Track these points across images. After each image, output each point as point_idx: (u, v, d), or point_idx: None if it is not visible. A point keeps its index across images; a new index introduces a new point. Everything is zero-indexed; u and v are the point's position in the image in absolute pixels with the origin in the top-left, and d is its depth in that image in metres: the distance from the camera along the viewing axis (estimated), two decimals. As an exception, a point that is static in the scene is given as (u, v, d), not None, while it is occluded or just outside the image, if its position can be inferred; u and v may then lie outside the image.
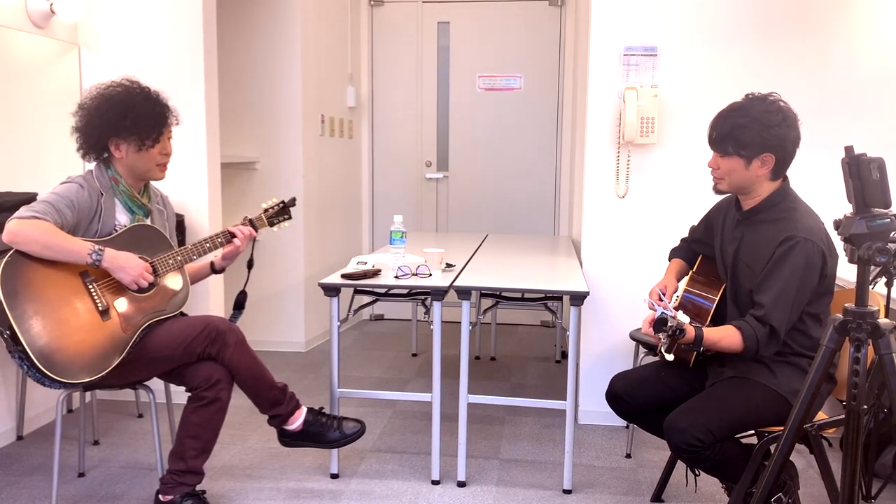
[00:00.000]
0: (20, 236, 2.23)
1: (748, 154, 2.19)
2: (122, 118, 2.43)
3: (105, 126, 2.45)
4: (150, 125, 2.46)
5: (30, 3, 3.30)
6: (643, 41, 3.37)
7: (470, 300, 2.85)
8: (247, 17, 4.57)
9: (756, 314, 2.15)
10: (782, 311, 2.13)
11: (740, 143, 2.18)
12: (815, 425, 2.06)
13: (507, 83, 5.49)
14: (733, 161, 2.21)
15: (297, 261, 4.71)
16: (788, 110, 2.20)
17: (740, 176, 2.22)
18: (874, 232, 1.69)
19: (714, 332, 2.15)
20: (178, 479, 2.46)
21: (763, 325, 2.14)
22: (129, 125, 2.43)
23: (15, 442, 3.25)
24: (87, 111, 2.47)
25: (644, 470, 3.07)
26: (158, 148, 2.50)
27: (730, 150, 2.20)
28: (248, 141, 4.66)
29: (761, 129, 2.16)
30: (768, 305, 2.14)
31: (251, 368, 2.50)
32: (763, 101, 2.20)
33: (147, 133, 2.45)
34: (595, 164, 3.45)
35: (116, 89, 2.48)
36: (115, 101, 2.45)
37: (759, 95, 2.22)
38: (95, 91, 2.49)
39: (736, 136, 2.18)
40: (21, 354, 2.20)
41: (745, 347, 2.14)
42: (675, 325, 1.99)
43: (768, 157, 2.19)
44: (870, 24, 3.29)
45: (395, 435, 3.41)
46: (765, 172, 2.21)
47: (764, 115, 2.17)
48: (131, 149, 2.46)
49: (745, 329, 2.15)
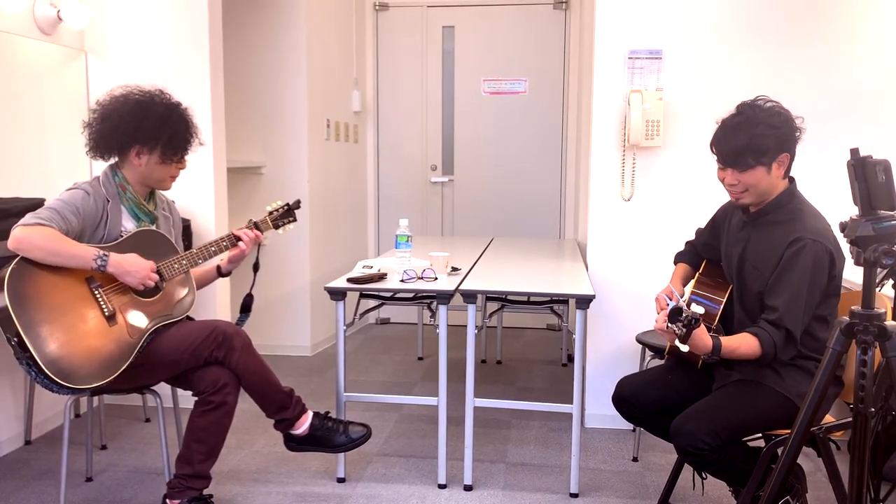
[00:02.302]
0: (25, 243, 2.24)
1: (768, 160, 2.17)
2: (156, 129, 2.45)
3: (134, 132, 2.44)
4: (183, 143, 2.52)
5: (37, 10, 3.32)
6: (648, 44, 3.37)
7: (476, 304, 2.85)
8: (252, 23, 4.59)
9: (770, 318, 2.14)
10: (796, 313, 2.13)
11: (760, 152, 2.16)
12: (822, 428, 2.05)
13: (512, 87, 5.50)
14: (756, 172, 2.19)
15: (303, 265, 4.72)
16: (782, 108, 2.21)
17: (765, 184, 2.21)
18: (880, 234, 1.68)
19: (731, 340, 2.14)
20: (185, 483, 2.46)
21: (779, 330, 2.13)
22: (164, 139, 2.46)
23: (23, 447, 3.26)
24: (115, 112, 2.46)
25: (651, 473, 3.07)
26: (178, 164, 2.54)
27: (750, 161, 2.17)
28: (254, 146, 4.67)
29: (775, 133, 2.15)
30: (782, 309, 2.13)
31: (258, 372, 2.51)
32: (760, 107, 2.19)
33: (177, 149, 2.50)
34: (600, 167, 3.45)
35: (153, 99, 2.49)
36: (152, 111, 2.46)
37: (750, 103, 2.21)
38: (126, 95, 2.48)
39: (754, 146, 2.16)
40: (29, 361, 2.20)
41: (763, 353, 2.13)
42: (689, 316, 1.98)
43: (784, 157, 2.19)
44: (875, 27, 3.28)
45: (401, 439, 3.41)
46: (781, 172, 2.22)
47: (769, 118, 2.17)
48: (154, 160, 2.48)
49: (761, 335, 2.13)
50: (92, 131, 2.49)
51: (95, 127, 2.48)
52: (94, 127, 2.48)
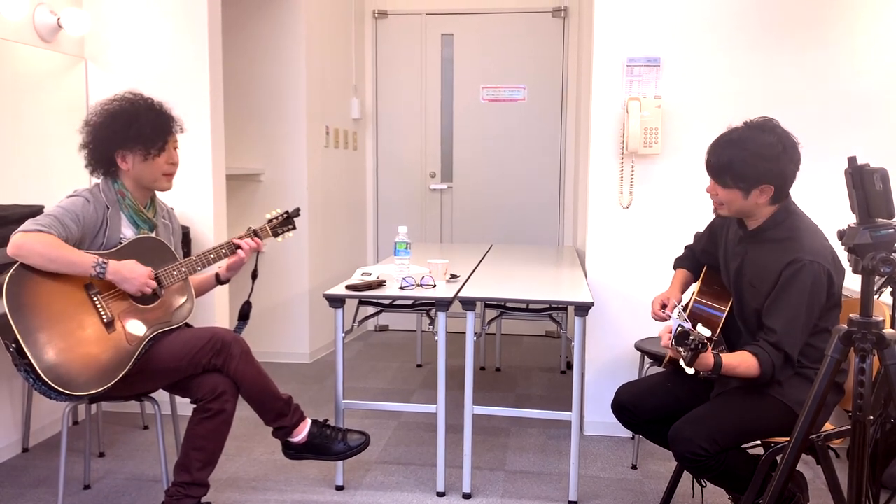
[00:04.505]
0: (24, 249, 2.24)
1: (746, 186, 2.17)
2: (126, 129, 2.45)
3: (110, 139, 2.47)
4: (155, 134, 2.48)
5: (37, 18, 3.33)
6: (646, 52, 3.38)
7: (474, 311, 2.85)
8: (251, 30, 4.60)
9: (769, 340, 2.14)
10: (794, 336, 2.13)
11: (738, 177, 2.16)
12: (821, 436, 2.05)
13: (511, 94, 5.51)
14: (732, 192, 2.19)
15: (302, 272, 4.72)
16: (787, 138, 2.17)
17: (739, 205, 2.21)
18: (878, 242, 1.68)
19: (731, 358, 2.14)
20: (183, 491, 2.46)
21: (777, 351, 2.13)
22: (133, 135, 2.45)
23: (21, 454, 3.25)
24: (93, 126, 2.50)
25: (650, 481, 3.06)
26: (164, 157, 2.52)
27: (728, 181, 2.18)
28: (253, 152, 4.68)
29: (758, 163, 2.13)
30: (780, 331, 2.13)
31: (256, 380, 2.50)
32: (761, 131, 2.16)
33: (152, 142, 2.48)
34: (599, 174, 3.46)
35: (120, 103, 2.51)
36: (119, 114, 2.48)
37: (756, 123, 2.19)
38: (100, 107, 2.52)
39: (734, 169, 2.16)
40: (27, 367, 2.20)
41: (761, 373, 2.13)
42: (697, 340, 1.95)
43: (767, 188, 2.17)
44: (873, 35, 3.29)
45: (399, 446, 3.41)
46: (764, 200, 2.19)
47: (762, 147, 2.13)
48: (137, 159, 2.48)
49: (761, 356, 2.13)
50: (86, 151, 2.53)
51: (86, 144, 2.52)
52: (85, 144, 2.52)
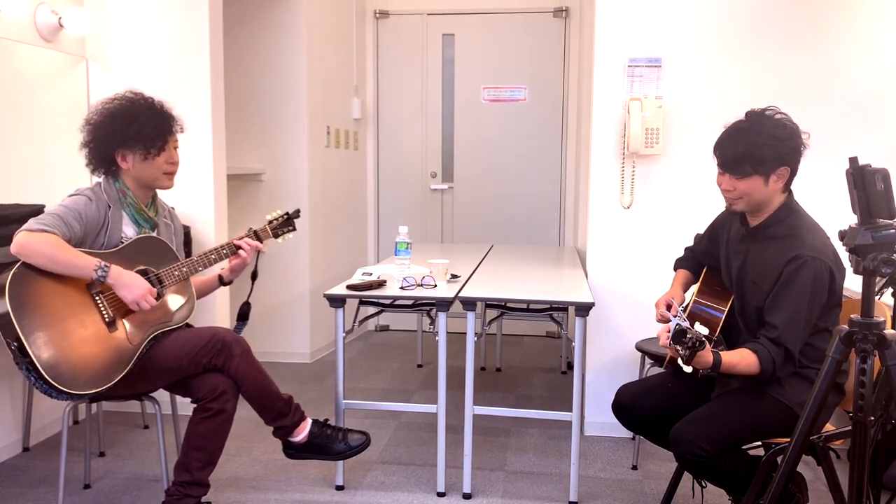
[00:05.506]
0: (28, 248, 2.24)
1: (766, 171, 2.17)
2: (126, 128, 2.45)
3: (110, 138, 2.47)
4: (155, 133, 2.48)
5: (38, 17, 3.33)
6: (647, 52, 3.38)
7: (475, 311, 2.85)
8: (252, 30, 4.60)
9: (770, 336, 2.14)
10: (795, 331, 2.13)
11: (758, 161, 2.16)
12: (822, 437, 2.05)
13: (512, 94, 5.51)
14: (752, 181, 2.18)
15: (303, 272, 4.72)
16: (791, 122, 2.19)
17: (760, 194, 2.20)
18: (879, 242, 1.68)
19: (731, 356, 2.13)
20: (183, 490, 2.46)
21: (778, 347, 2.13)
22: (133, 134, 2.45)
23: (21, 453, 3.25)
24: (94, 126, 2.50)
25: (650, 482, 3.06)
26: (164, 157, 2.52)
27: (748, 169, 2.17)
28: (254, 152, 4.68)
29: (777, 145, 2.14)
30: (781, 327, 2.12)
31: (256, 379, 2.51)
32: (767, 117, 2.18)
33: (152, 141, 2.47)
34: (600, 174, 3.46)
35: (120, 102, 2.51)
36: (119, 113, 2.48)
37: (759, 111, 2.20)
38: (101, 106, 2.52)
39: (753, 154, 2.15)
40: (28, 366, 2.20)
41: (761, 370, 2.13)
42: (694, 338, 1.96)
43: (784, 171, 2.18)
44: (874, 37, 3.29)
45: (400, 446, 3.41)
46: (779, 186, 2.20)
47: (775, 129, 2.16)
48: (137, 158, 2.48)
49: (761, 352, 2.13)
50: (86, 150, 2.53)
51: (86, 143, 2.52)
52: (86, 144, 2.52)
